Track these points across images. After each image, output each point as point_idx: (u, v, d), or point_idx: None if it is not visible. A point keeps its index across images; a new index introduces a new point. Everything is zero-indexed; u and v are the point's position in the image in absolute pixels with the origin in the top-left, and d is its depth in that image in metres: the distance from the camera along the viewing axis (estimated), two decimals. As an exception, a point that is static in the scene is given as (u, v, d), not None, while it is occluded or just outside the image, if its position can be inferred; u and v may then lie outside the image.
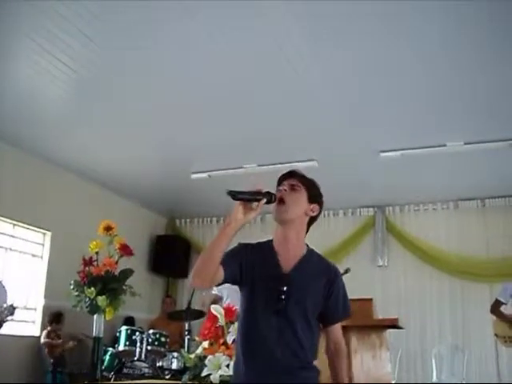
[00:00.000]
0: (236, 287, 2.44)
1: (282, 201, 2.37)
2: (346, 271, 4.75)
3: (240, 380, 2.35)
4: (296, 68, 4.89)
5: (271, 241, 2.47)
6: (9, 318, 4.31)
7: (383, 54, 4.64)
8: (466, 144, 6.31)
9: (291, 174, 2.49)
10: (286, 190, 2.41)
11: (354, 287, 6.70)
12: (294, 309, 2.31)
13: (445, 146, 6.36)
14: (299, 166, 2.54)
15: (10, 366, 6.49)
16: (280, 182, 2.47)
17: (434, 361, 7.79)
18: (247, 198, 2.26)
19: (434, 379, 7.66)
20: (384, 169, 7.22)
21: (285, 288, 2.32)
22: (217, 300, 6.24)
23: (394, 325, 4.89)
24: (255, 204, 2.25)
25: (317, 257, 2.50)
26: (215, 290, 6.13)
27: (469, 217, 8.50)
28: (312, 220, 2.49)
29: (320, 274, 2.42)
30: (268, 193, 2.32)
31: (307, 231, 2.49)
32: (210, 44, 4.58)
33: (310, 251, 2.48)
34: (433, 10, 3.99)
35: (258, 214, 2.28)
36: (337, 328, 2.49)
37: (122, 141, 6.77)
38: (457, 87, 5.16)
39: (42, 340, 7.09)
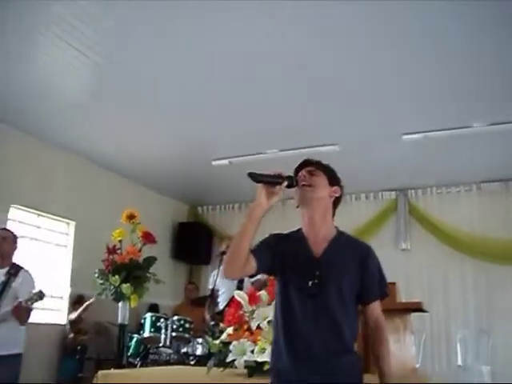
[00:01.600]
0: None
1: (304, 185, 2.40)
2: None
3: (280, 365, 2.35)
4: (318, 54, 4.86)
5: (300, 229, 2.48)
6: (38, 303, 4.37)
7: (404, 36, 4.58)
8: (490, 125, 6.21)
9: (306, 163, 2.50)
10: (305, 176, 2.43)
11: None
12: (330, 292, 2.30)
13: (469, 127, 6.26)
14: (321, 151, 2.55)
15: (38, 353, 6.59)
16: (297, 172, 2.48)
17: (458, 344, 7.74)
18: (268, 181, 2.27)
19: (459, 363, 7.62)
20: (406, 152, 7.14)
21: (317, 272, 2.31)
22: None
23: (418, 308, 4.86)
24: (277, 187, 2.27)
25: (347, 238, 2.50)
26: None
27: (492, 199, 8.38)
28: (336, 202, 2.49)
29: (352, 254, 2.40)
30: (289, 176, 2.33)
31: (334, 214, 2.49)
32: (231, 31, 4.56)
33: (340, 233, 2.47)
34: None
35: (280, 198, 2.29)
36: (375, 307, 2.43)
37: (143, 130, 6.78)
38: (481, 67, 5.06)
39: (72, 316, 7.15)
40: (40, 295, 4.36)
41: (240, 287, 5.63)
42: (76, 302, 7.35)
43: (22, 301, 4.35)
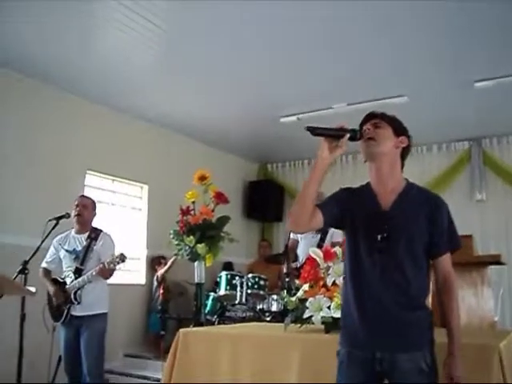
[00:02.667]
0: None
1: (369, 138, 2.36)
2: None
3: (348, 322, 2.36)
4: (384, 5, 4.72)
5: (369, 182, 2.45)
6: (120, 265, 4.54)
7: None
8: None
9: (370, 116, 2.45)
10: (370, 129, 2.38)
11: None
12: (399, 246, 2.26)
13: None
14: (389, 103, 2.50)
15: (121, 311, 6.92)
16: (362, 125, 2.43)
17: (538, 296, 7.57)
18: (327, 134, 2.23)
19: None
20: (479, 99, 6.88)
21: (386, 226, 2.28)
22: (294, 244, 6.27)
23: (495, 261, 4.76)
24: (340, 141, 2.24)
25: (417, 189, 2.43)
26: (293, 236, 6.15)
27: None
28: (404, 152, 2.44)
29: (422, 206, 2.33)
30: (352, 130, 2.28)
31: (403, 165, 2.44)
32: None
33: (410, 184, 2.42)
34: None
35: (343, 151, 2.26)
36: (445, 260, 2.36)
37: (211, 91, 6.80)
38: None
39: (159, 274, 7.48)
40: (122, 258, 4.51)
41: (320, 245, 5.64)
42: (157, 262, 7.61)
43: (104, 262, 4.52)
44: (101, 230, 4.90)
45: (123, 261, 4.51)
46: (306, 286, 3.25)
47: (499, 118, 7.77)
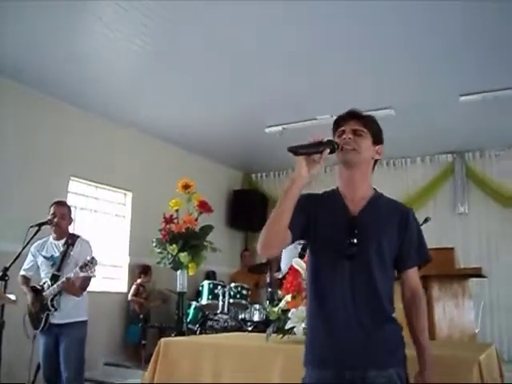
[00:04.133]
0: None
1: (350, 149, 2.21)
2: (426, 220, 4.69)
3: (315, 337, 2.20)
4: (372, 17, 4.76)
5: (336, 188, 2.32)
6: (95, 268, 4.46)
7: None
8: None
9: (351, 116, 2.31)
10: (350, 138, 2.22)
11: (435, 236, 6.60)
12: (369, 253, 2.12)
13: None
14: (375, 115, 2.42)
15: (101, 319, 6.83)
16: (339, 124, 2.30)
17: (519, 309, 7.62)
18: (310, 152, 2.09)
19: (520, 327, 7.51)
20: (463, 113, 6.95)
21: (356, 231, 2.14)
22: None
23: (477, 274, 4.80)
24: (317, 156, 2.09)
25: (386, 198, 2.32)
26: None
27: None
28: (377, 160, 2.35)
29: (392, 215, 2.23)
30: (330, 141, 2.14)
31: (372, 172, 2.35)
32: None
33: (379, 193, 2.31)
34: None
35: (321, 166, 2.11)
36: (413, 274, 2.25)
37: (197, 99, 6.81)
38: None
39: (130, 297, 7.42)
40: (92, 261, 4.42)
41: (303, 255, 5.62)
42: (142, 272, 7.55)
43: (69, 277, 4.46)
44: (78, 236, 4.86)
45: (93, 264, 4.41)
46: (288, 297, 3.24)
47: (482, 132, 7.86)
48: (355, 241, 2.12)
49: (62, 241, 4.77)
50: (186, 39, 5.27)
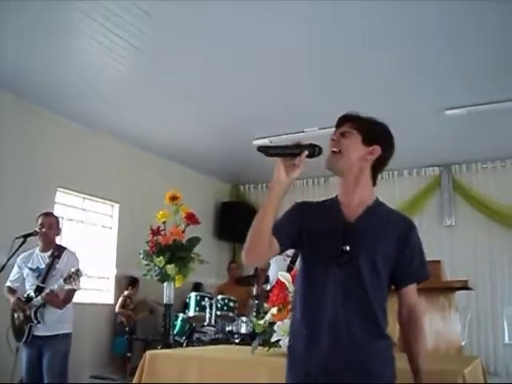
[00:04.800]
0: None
1: (333, 151, 2.15)
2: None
3: (300, 348, 2.08)
4: (356, 29, 4.79)
5: (336, 195, 2.24)
6: (80, 280, 4.44)
7: (446, 11, 4.46)
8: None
9: (343, 120, 2.23)
10: (335, 140, 2.17)
11: (421, 249, 6.56)
12: (362, 262, 2.02)
13: (512, 100, 6.10)
14: None
15: (88, 331, 6.77)
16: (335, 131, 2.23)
17: (505, 322, 7.62)
18: (282, 153, 2.01)
19: (506, 341, 7.51)
20: (449, 127, 7.00)
21: (350, 238, 2.05)
22: (265, 266, 6.24)
23: (463, 286, 4.81)
24: (297, 160, 1.99)
25: (387, 208, 2.22)
26: None
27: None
28: (378, 164, 2.23)
29: (391, 226, 2.12)
30: (311, 145, 2.01)
31: (375, 177, 2.23)
32: (271, 12, 4.52)
33: (380, 202, 2.21)
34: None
35: (301, 170, 2.00)
36: (411, 291, 2.14)
37: (184, 111, 6.83)
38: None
39: (117, 309, 7.37)
40: (77, 273, 4.40)
41: (291, 267, 5.62)
42: (129, 284, 7.51)
43: (52, 289, 4.44)
44: (65, 248, 4.84)
45: (78, 276, 4.39)
46: (274, 310, 3.24)
47: (469, 145, 7.92)
48: (348, 248, 2.03)
49: (49, 252, 4.75)
50: (173, 53, 5.29)
